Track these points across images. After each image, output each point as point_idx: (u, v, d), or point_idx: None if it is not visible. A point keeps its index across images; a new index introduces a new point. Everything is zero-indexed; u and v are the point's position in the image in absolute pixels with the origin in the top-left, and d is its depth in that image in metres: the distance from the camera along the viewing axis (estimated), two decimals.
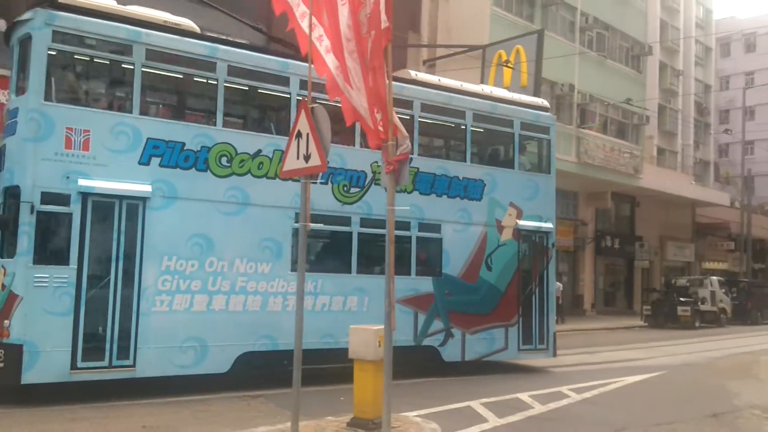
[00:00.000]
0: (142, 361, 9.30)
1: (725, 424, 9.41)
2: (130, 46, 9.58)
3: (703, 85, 45.51)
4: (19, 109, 9.09)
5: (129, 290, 9.29)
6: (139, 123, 9.58)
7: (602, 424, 8.99)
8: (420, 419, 8.26)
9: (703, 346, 20.21)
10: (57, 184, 8.91)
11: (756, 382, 13.64)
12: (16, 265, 8.75)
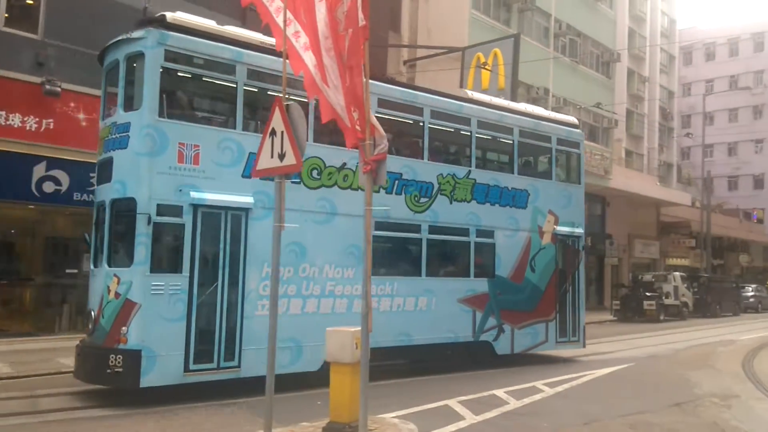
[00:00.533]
0: (246, 362, 9.35)
1: (687, 412, 9.46)
2: (233, 66, 9.65)
3: (667, 91, 45.63)
4: (132, 124, 8.97)
5: (234, 295, 9.41)
6: (242, 138, 9.63)
7: (574, 417, 8.79)
8: (398, 420, 7.82)
9: (667, 338, 20.21)
10: (171, 196, 8.88)
11: (714, 372, 13.65)
12: (133, 274, 8.70)
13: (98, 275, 9.20)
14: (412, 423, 7.66)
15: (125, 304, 8.64)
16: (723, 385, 11.87)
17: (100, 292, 8.97)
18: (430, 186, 11.90)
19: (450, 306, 12.11)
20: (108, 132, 9.39)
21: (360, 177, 6.14)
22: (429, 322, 11.69)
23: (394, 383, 10.86)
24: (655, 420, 8.79)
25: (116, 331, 8.65)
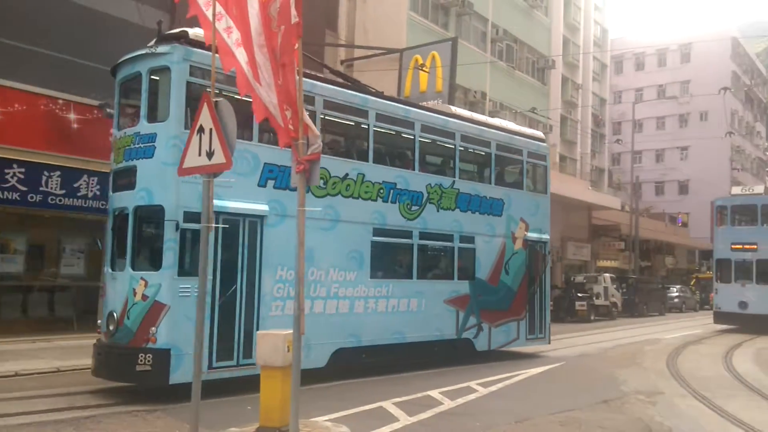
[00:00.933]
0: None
1: (614, 409, 9.71)
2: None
3: (599, 98, 46.91)
4: (158, 135, 9.32)
5: (251, 297, 9.95)
6: (258, 149, 10.17)
7: (507, 416, 8.88)
8: (330, 423, 7.73)
9: (597, 337, 20.71)
10: (195, 204, 8.86)
11: (640, 370, 14.03)
12: (162, 277, 9.09)
13: (120, 278, 9.47)
14: (344, 426, 7.59)
15: (154, 305, 9.05)
16: (648, 383, 12.25)
17: (124, 295, 9.28)
18: (420, 195, 12.78)
19: (437, 306, 13.08)
20: (130, 141, 9.65)
21: (293, 177, 6.00)
22: (419, 322, 12.68)
23: (329, 386, 10.74)
24: (583, 417, 8.99)
25: (144, 331, 9.02)
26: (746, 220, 26.12)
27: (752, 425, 8.79)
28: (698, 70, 55.17)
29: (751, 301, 24.52)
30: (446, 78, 19.54)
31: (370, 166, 11.91)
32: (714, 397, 10.82)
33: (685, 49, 57.18)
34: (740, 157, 59.42)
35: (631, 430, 8.38)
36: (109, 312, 9.56)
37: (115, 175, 10.08)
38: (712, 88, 43.59)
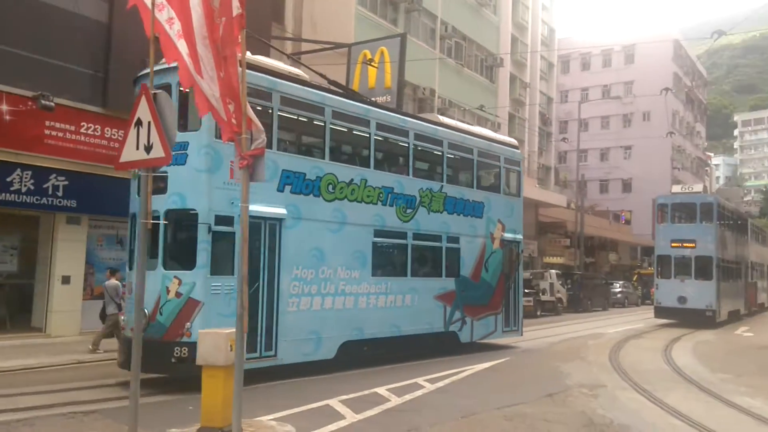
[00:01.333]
0: (281, 351, 10.86)
1: (558, 402, 9.91)
2: (270, 93, 10.88)
3: (547, 97, 47.68)
4: (190, 143, 10.00)
5: (271, 294, 10.75)
6: (277, 157, 10.94)
7: (453, 411, 8.95)
8: (275, 422, 7.62)
9: (543, 332, 21.04)
10: (225, 208, 10.05)
11: (584, 364, 14.33)
12: (196, 276, 9.84)
13: (151, 277, 9.52)
14: (289, 425, 7.51)
15: (188, 302, 9.77)
16: (591, 376, 12.52)
17: (156, 293, 9.81)
18: (414, 199, 13.85)
19: (428, 302, 14.21)
20: None
21: (236, 172, 5.88)
22: (413, 316, 13.81)
23: (274, 384, 10.64)
24: (528, 411, 9.13)
25: (179, 326, 9.72)
26: (686, 218, 26.99)
27: (690, 417, 9.05)
28: (641, 71, 56.65)
29: (689, 296, 25.36)
30: (395, 74, 19.53)
31: (371, 172, 12.89)
32: (654, 389, 11.14)
33: (629, 51, 58.61)
34: (681, 157, 61.34)
35: (574, 422, 8.53)
36: None
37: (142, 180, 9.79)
38: (654, 89, 44.83)
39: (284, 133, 11.77)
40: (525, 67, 41.80)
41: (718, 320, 25.46)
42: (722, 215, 27.21)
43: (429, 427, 8.03)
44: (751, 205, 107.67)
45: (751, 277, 33.58)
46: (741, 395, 10.98)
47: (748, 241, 33.40)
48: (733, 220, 30.01)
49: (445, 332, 14.68)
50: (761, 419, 9.20)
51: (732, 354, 17.43)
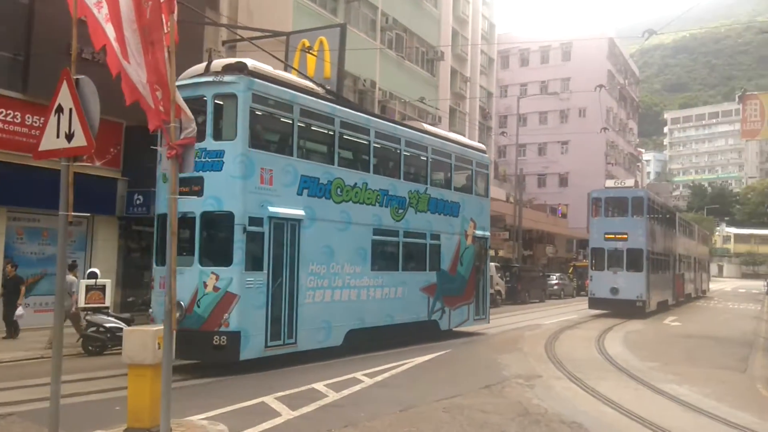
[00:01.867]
0: (300, 339, 12.13)
1: (495, 393, 10.08)
2: (291, 106, 12.08)
3: (487, 92, 48.27)
4: (226, 152, 11.04)
5: (292, 288, 11.96)
6: (297, 164, 12.26)
7: (392, 405, 8.93)
8: (206, 422, 7.40)
9: (483, 324, 21.20)
10: (257, 210, 11.23)
11: (521, 355, 14.62)
12: (233, 272, 10.87)
13: (187, 273, 10.74)
14: (222, 424, 7.30)
15: (225, 296, 10.82)
16: (528, 367, 12.78)
17: (193, 287, 10.85)
18: (404, 200, 15.24)
19: (415, 294, 15.65)
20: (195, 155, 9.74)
21: (163, 163, 5.64)
22: (403, 306, 15.21)
23: (207, 383, 10.43)
24: (466, 402, 9.21)
25: (217, 317, 10.79)
26: (618, 212, 27.80)
27: (620, 404, 9.35)
28: (578, 68, 58.01)
29: (621, 288, 26.20)
30: (335, 64, 19.32)
31: (371, 176, 14.20)
32: (587, 378, 11.45)
33: (566, 48, 59.96)
34: (614, 152, 63.20)
35: (510, 412, 8.66)
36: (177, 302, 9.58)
37: None
38: (590, 86, 45.91)
39: (302, 142, 12.90)
40: (466, 61, 42.18)
41: (648, 310, 26.41)
42: (652, 209, 28.17)
43: (367, 421, 7.98)
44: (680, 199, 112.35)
45: (678, 268, 34.91)
46: (668, 383, 11.40)
47: (676, 235, 34.71)
48: (662, 214, 31.11)
49: (428, 321, 16.17)
50: (687, 405, 9.57)
51: (660, 343, 18.08)
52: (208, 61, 11.67)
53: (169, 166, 5.62)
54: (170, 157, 5.54)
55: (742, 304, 39.87)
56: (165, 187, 10.68)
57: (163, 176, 11.04)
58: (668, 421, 8.38)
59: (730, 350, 16.68)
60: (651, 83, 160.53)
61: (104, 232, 18.01)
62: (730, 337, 20.01)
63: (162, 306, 10.29)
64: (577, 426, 8.04)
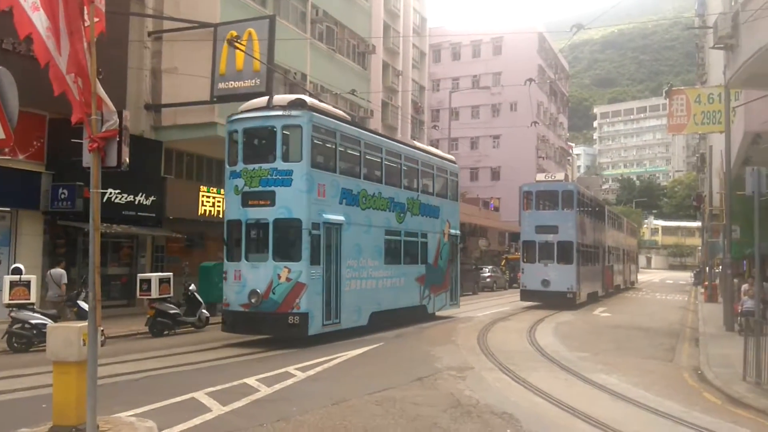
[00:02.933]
0: (343, 320, 15.48)
1: (427, 385, 10.32)
2: (334, 132, 15.41)
3: (419, 86, 48.76)
4: (294, 171, 14.16)
5: (337, 278, 15.27)
6: (339, 179, 15.54)
7: (324, 399, 9.06)
8: (134, 419, 7.37)
9: (454, 309, 21.80)
10: (316, 217, 14.47)
11: (454, 347, 14.96)
12: (302, 266, 14.04)
13: (263, 267, 14.20)
14: (151, 420, 7.30)
15: (296, 285, 13.96)
16: (460, 359, 13.12)
17: (268, 278, 14.06)
18: (404, 205, 18.86)
19: (412, 283, 19.42)
20: (267, 173, 14.32)
21: (85, 156, 5.61)
22: (404, 293, 18.91)
23: (136, 379, 10.33)
24: (398, 395, 9.43)
25: (290, 301, 13.93)
26: (549, 205, 28.61)
27: (551, 394, 9.73)
28: (509, 63, 59.28)
29: (552, 280, 27.03)
30: (264, 57, 19.23)
31: (383, 187, 17.66)
32: (518, 369, 11.85)
33: (496, 42, 61.12)
34: (545, 146, 64.95)
35: (442, 404, 8.93)
36: (252, 290, 14.07)
37: (248, 195, 14.45)
38: (520, 80, 46.79)
39: (341, 161, 15.81)
40: (397, 55, 42.52)
41: (578, 302, 27.36)
42: (582, 202, 29.11)
43: (299, 415, 8.09)
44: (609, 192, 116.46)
45: (608, 260, 36.22)
46: (598, 372, 11.89)
47: (606, 227, 36.00)
48: (592, 207, 32.20)
49: (419, 306, 20.01)
50: (615, 394, 10.03)
51: (590, 333, 18.74)
52: (269, 97, 15.27)
53: (91, 159, 5.58)
54: (92, 150, 5.51)
55: (670, 295, 41.68)
56: (236, 199, 14.61)
57: (235, 188, 14.59)
58: (597, 411, 8.73)
59: (657, 340, 17.41)
60: (580, 78, 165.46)
61: (28, 227, 17.57)
62: (657, 327, 20.90)
63: (237, 294, 14.31)
64: (508, 416, 8.33)
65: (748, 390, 10.37)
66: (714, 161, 35.50)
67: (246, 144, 14.81)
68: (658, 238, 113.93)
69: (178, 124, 21.22)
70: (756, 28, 12.89)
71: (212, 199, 23.11)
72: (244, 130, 14.74)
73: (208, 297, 18.93)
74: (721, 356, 13.70)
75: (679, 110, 22.27)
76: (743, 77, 14.64)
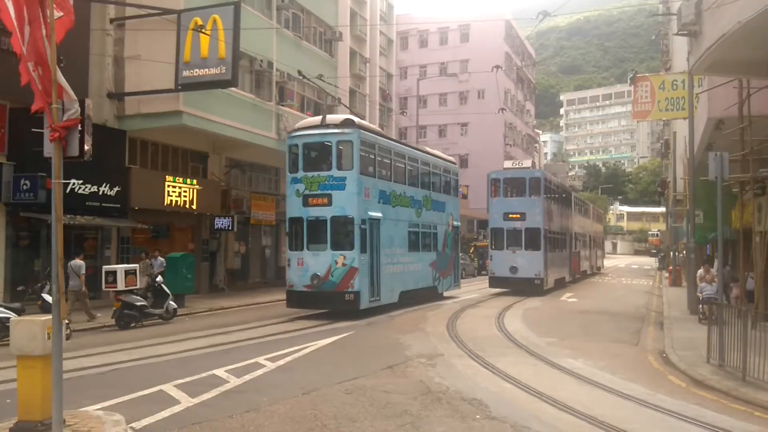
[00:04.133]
0: (382, 298, 19.03)
1: (398, 373, 10.42)
2: (374, 144, 18.99)
3: (386, 73, 48.64)
4: (347, 178, 17.73)
5: (378, 263, 18.84)
6: (377, 182, 19.07)
7: (294, 389, 9.08)
8: (102, 412, 7.31)
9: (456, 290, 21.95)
10: (363, 215, 18.01)
11: (423, 335, 15.09)
12: (354, 254, 17.64)
13: (322, 255, 17.75)
14: (118, 414, 7.24)
15: (350, 269, 17.56)
16: (430, 346, 13.24)
17: (327, 264, 17.64)
18: (421, 202, 22.65)
19: (426, 268, 23.19)
20: (325, 179, 17.87)
21: (46, 146, 5.49)
22: (422, 276, 22.81)
23: (104, 372, 10.23)
24: (368, 383, 9.50)
25: (346, 282, 17.53)
26: (516, 192, 28.92)
27: (519, 379, 9.91)
28: (476, 50, 59.37)
29: (520, 266, 27.35)
30: (230, 44, 18.99)
31: (406, 187, 21.45)
32: (487, 355, 12.02)
33: (464, 29, 61.16)
34: (512, 134, 65.38)
35: (412, 392, 9.01)
36: (313, 273, 17.64)
37: (308, 197, 17.98)
38: (488, 68, 46.95)
39: (378, 167, 19.29)
40: (365, 42, 42.35)
41: (545, 288, 27.75)
42: (549, 189, 29.47)
43: (269, 406, 8.11)
44: (575, 179, 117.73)
45: (575, 246, 36.76)
46: (565, 357, 12.12)
47: (572, 214, 36.50)
48: (558, 193, 32.60)
49: (432, 287, 23.73)
50: (582, 379, 10.24)
51: (558, 319, 19.06)
52: (322, 116, 18.96)
53: (52, 149, 5.47)
54: (53, 139, 5.39)
55: (635, 279, 42.46)
56: (298, 200, 18.06)
57: (296, 191, 18.08)
58: (564, 394, 8.92)
59: (623, 325, 17.77)
60: (547, 65, 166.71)
61: None
62: (623, 311, 21.33)
63: (300, 277, 17.85)
64: (478, 402, 8.46)
65: (711, 372, 10.64)
66: (678, 147, 36.15)
67: (305, 155, 18.39)
68: (623, 223, 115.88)
69: (142, 113, 20.85)
70: (719, 15, 13.11)
71: (178, 189, 22.81)
72: (304, 144, 18.41)
73: (176, 288, 18.75)
74: (685, 339, 14.03)
75: (644, 97, 22.59)
76: (706, 64, 14.87)
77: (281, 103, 26.36)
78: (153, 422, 7.27)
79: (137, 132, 21.58)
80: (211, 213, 25.17)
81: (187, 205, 23.25)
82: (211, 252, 26.54)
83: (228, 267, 27.59)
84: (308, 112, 28.68)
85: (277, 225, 30.71)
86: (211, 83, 19.81)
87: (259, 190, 29.31)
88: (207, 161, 25.77)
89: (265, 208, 28.81)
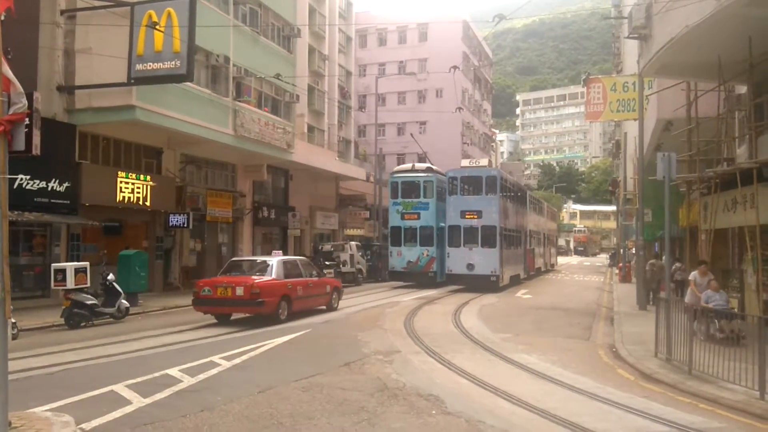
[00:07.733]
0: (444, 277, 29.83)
1: (355, 370, 10.40)
2: (441, 181, 31.22)
3: (345, 71, 48.55)
4: (429, 203, 31.16)
5: (442, 254, 29.75)
6: (439, 204, 30.79)
7: (250, 387, 8.99)
8: (50, 413, 7.10)
9: (343, 303, 21.48)
10: (437, 225, 30.64)
11: (381, 332, 15.10)
12: (434, 249, 30.57)
13: (414, 249, 30.81)
14: (67, 415, 7.04)
15: (431, 258, 30.54)
16: (387, 343, 13.25)
17: (417, 254, 30.62)
18: (435, 211, 30.93)
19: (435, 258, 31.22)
20: (416, 203, 31.16)
21: None
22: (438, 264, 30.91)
23: (52, 372, 9.94)
24: (325, 381, 9.46)
25: (429, 266, 30.59)
26: (473, 191, 29.22)
27: (474, 375, 10.00)
28: (434, 49, 59.67)
29: (476, 263, 27.70)
30: (185, 38, 18.64)
31: (438, 203, 30.90)
32: (444, 352, 12.09)
33: (422, 29, 61.39)
34: (470, 133, 65.91)
35: (369, 388, 9.01)
36: (408, 260, 30.64)
37: (404, 214, 31.09)
38: (446, 67, 47.38)
39: (438, 194, 30.56)
40: (323, 39, 42.19)
41: (501, 284, 28.13)
42: (505, 187, 29.90)
43: (224, 405, 7.99)
44: (531, 178, 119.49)
45: (529, 244, 37.32)
46: (519, 352, 12.28)
47: (527, 212, 37.03)
48: (514, 192, 33.09)
49: (434, 273, 30.89)
50: (535, 373, 10.40)
51: (513, 315, 19.27)
52: (412, 164, 34.46)
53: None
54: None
55: (587, 276, 43.41)
56: (398, 216, 31.37)
57: (397, 210, 31.21)
58: (518, 389, 9.06)
59: (575, 320, 18.12)
60: (504, 66, 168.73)
61: None
62: (575, 307, 21.76)
63: (399, 262, 30.89)
64: (434, 398, 8.51)
65: (659, 366, 10.91)
66: (628, 147, 36.98)
67: (403, 188, 31.49)
68: (576, 221, 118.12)
69: (93, 107, 20.31)
70: (668, 20, 13.44)
71: (131, 185, 22.34)
72: (402, 181, 31.75)
73: (128, 286, 18.35)
74: (634, 334, 14.35)
75: (596, 98, 23.00)
76: (656, 66, 15.24)
77: (238, 99, 26.00)
78: (104, 423, 7.10)
79: (88, 126, 21.03)
80: (165, 210, 24.70)
81: (141, 202, 22.78)
82: (166, 249, 26.05)
83: (183, 265, 27.14)
84: (266, 109, 28.39)
85: (234, 222, 30.36)
86: (165, 77, 19.39)
87: (216, 187, 28.92)
88: (161, 157, 25.27)
89: (221, 205, 28.46)
